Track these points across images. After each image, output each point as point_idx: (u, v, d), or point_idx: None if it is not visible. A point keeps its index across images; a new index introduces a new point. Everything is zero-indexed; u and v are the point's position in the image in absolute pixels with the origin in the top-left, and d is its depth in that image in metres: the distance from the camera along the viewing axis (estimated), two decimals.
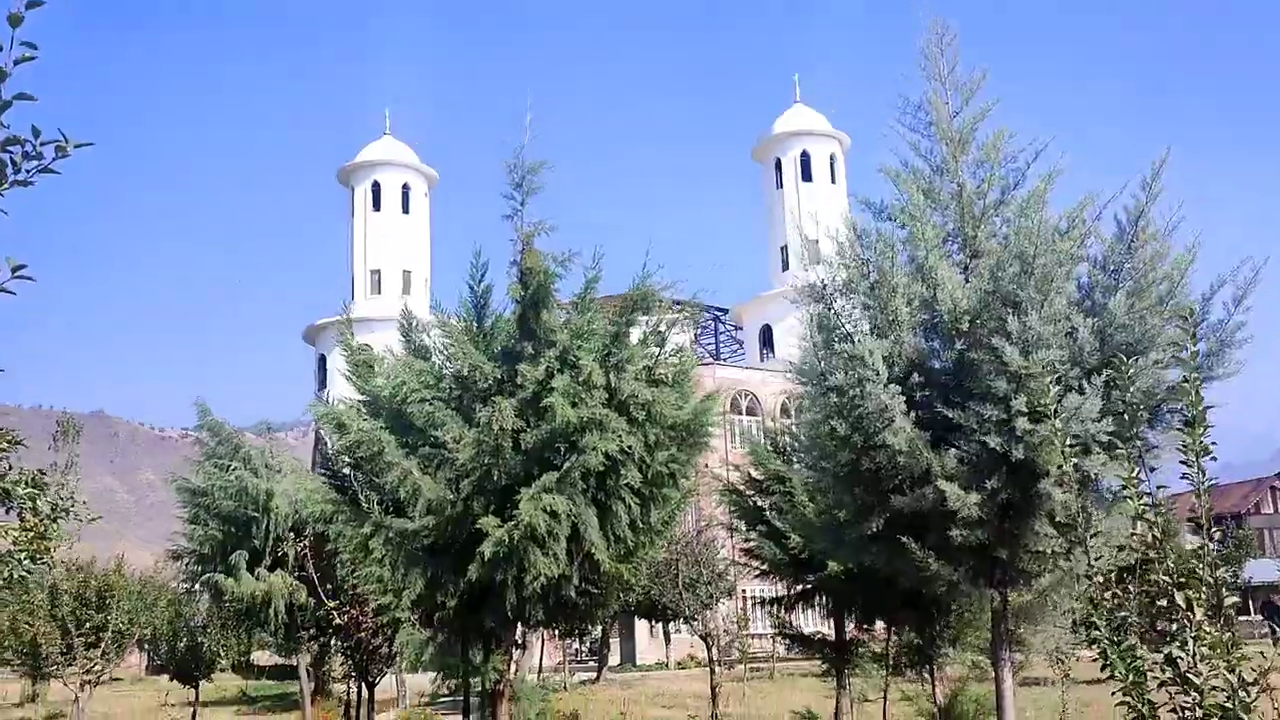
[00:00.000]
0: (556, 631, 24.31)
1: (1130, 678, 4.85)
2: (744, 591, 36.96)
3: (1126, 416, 7.72)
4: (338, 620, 14.37)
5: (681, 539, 23.42)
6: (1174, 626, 4.81)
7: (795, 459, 13.36)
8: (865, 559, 9.51)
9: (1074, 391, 8.08)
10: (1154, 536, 5.04)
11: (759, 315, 64.59)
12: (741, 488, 15.91)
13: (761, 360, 60.56)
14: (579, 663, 43.54)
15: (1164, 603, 4.98)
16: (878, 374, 8.17)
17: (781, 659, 33.47)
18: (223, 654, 24.32)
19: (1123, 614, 5.12)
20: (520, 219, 10.69)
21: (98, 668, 24.06)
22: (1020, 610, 9.04)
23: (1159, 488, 5.28)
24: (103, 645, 27.03)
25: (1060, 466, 5.35)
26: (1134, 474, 5.14)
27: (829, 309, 8.79)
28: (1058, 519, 8.42)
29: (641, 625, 42.78)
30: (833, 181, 63.11)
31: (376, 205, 60.37)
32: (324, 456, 13.95)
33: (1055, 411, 5.41)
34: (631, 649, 45.54)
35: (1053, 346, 7.90)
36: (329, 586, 15.38)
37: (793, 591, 15.40)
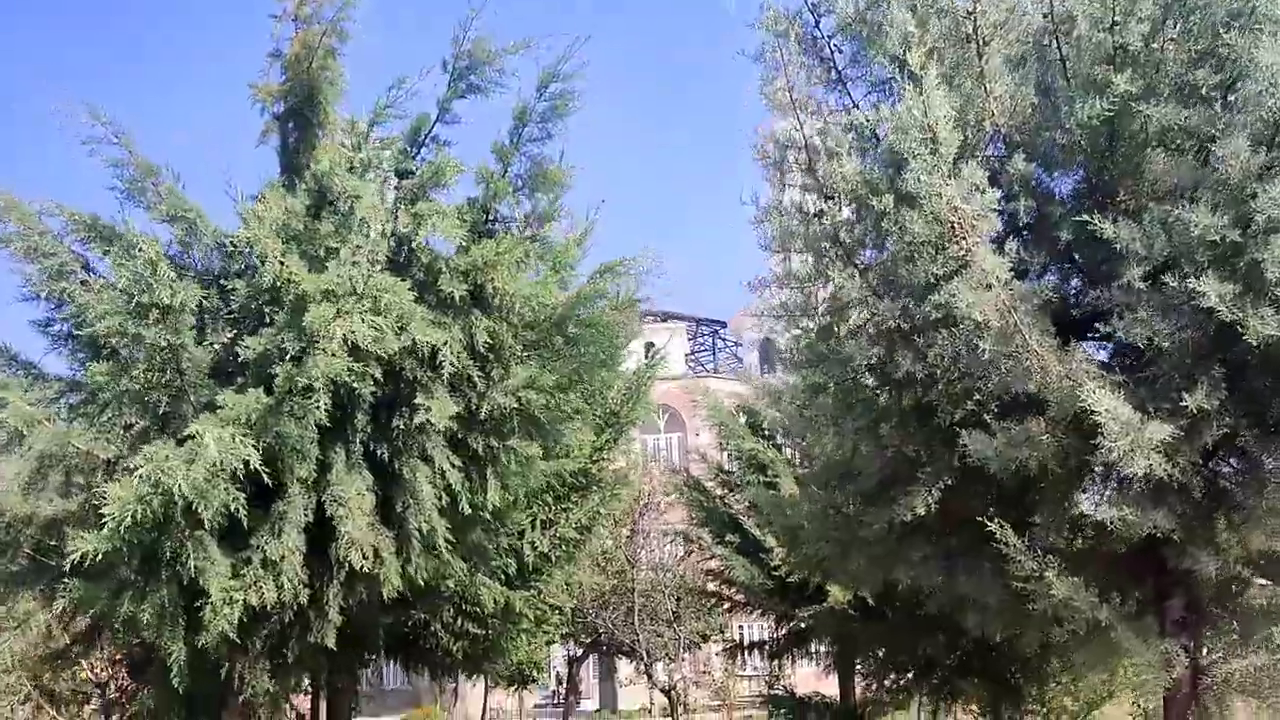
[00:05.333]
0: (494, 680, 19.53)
1: None
2: (740, 628, 31.96)
3: None
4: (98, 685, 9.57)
5: (624, 559, 18.63)
6: None
7: (779, 411, 8.63)
8: (898, 573, 4.80)
9: None
10: None
11: (759, 326, 60.06)
12: (708, 484, 11.21)
13: (762, 374, 55.94)
14: (555, 705, 38.49)
15: None
16: (934, 143, 3.53)
17: None
18: None
19: None
20: None
21: None
22: (1228, 682, 4.33)
23: None
24: None
25: None
26: None
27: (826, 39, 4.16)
28: None
29: (624, 664, 37.71)
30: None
31: None
32: None
33: None
34: (611, 692, 40.41)
35: None
36: None
37: (781, 632, 10.65)
